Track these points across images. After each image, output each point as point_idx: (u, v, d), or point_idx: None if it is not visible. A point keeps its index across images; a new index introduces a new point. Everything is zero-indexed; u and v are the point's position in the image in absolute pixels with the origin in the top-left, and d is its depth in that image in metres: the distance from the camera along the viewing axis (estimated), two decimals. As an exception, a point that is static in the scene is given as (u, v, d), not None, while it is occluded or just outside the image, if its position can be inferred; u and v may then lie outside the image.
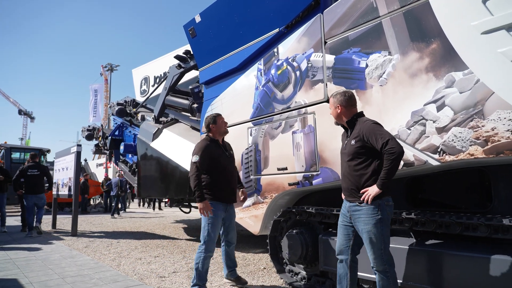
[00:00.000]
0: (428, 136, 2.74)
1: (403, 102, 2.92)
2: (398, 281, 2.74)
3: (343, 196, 2.85)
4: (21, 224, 8.61)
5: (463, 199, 3.12)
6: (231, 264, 3.85)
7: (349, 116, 2.76)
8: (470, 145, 2.52)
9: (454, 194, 3.20)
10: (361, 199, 2.56)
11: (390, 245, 2.60)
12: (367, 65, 3.19)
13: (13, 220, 10.91)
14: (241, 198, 3.91)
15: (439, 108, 2.69)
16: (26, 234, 7.64)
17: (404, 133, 2.88)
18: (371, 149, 2.57)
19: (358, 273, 3.06)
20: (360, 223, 2.59)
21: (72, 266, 4.70)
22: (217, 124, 3.72)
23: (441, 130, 2.67)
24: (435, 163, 2.71)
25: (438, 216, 2.73)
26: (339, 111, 2.78)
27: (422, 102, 2.78)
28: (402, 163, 2.87)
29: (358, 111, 2.84)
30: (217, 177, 3.61)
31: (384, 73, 3.06)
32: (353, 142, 2.65)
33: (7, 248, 6.08)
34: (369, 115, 3.11)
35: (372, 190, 2.50)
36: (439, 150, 2.68)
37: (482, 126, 2.46)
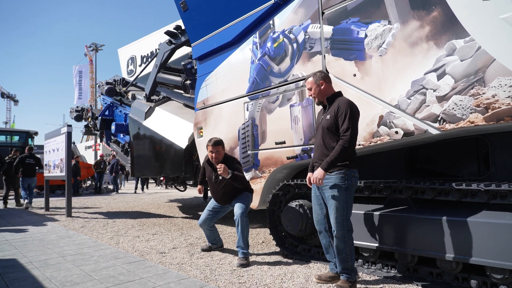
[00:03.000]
0: (429, 105, 2.75)
1: (403, 71, 2.91)
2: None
3: (309, 183, 3.01)
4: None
5: (461, 168, 3.18)
6: (237, 241, 3.76)
7: (329, 93, 2.95)
8: (471, 113, 2.54)
9: (452, 163, 3.25)
10: (308, 183, 2.85)
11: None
12: (366, 35, 3.16)
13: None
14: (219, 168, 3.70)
15: (439, 77, 2.69)
16: (24, 207, 9.51)
17: (404, 103, 2.88)
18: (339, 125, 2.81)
19: (358, 242, 3.15)
20: (327, 190, 2.80)
21: (70, 245, 4.70)
22: (209, 154, 3.96)
23: (442, 99, 2.68)
24: (435, 132, 2.73)
25: (437, 184, 2.78)
26: (322, 87, 2.94)
27: (423, 71, 2.78)
28: (402, 132, 2.90)
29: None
30: (210, 187, 4.16)
31: (383, 43, 3.03)
32: (328, 117, 2.86)
33: (2, 230, 6.03)
34: (368, 86, 3.13)
35: (317, 173, 2.74)
36: (439, 118, 2.70)
37: (483, 93, 2.48)
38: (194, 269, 3.45)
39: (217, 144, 3.85)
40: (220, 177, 3.87)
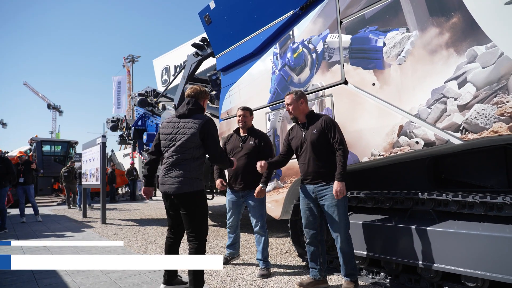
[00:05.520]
0: (450, 114, 2.65)
1: (423, 80, 2.83)
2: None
3: (304, 181, 3.19)
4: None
5: (489, 178, 3.02)
6: (258, 254, 3.77)
7: (308, 111, 3.22)
8: (494, 122, 2.43)
9: (479, 173, 3.10)
10: (335, 198, 2.90)
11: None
12: (384, 44, 3.10)
13: (47, 210, 11.45)
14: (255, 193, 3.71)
15: (460, 85, 2.59)
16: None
17: (424, 112, 2.80)
18: (329, 138, 3.02)
19: (378, 255, 3.07)
20: (327, 200, 2.98)
21: (102, 252, 4.90)
22: (237, 118, 4.03)
23: (463, 108, 2.58)
24: (457, 142, 2.63)
25: (461, 196, 2.66)
26: (302, 105, 3.19)
27: (443, 79, 2.69)
28: (422, 142, 2.81)
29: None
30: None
31: (402, 51, 2.97)
32: (314, 131, 3.06)
33: (43, 235, 6.41)
34: (387, 95, 3.07)
35: (338, 187, 2.86)
36: (461, 128, 2.60)
37: (507, 101, 2.36)
38: (215, 279, 3.50)
39: (244, 109, 4.00)
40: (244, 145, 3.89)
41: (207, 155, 3.02)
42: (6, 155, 11.03)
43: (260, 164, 3.34)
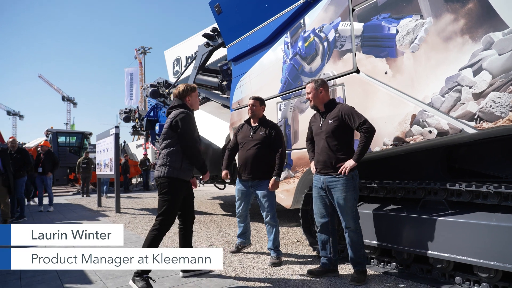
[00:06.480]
0: (464, 103, 2.60)
1: (436, 68, 2.77)
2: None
3: (313, 170, 3.24)
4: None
5: (503, 168, 2.97)
6: (269, 243, 3.82)
7: (327, 100, 3.19)
8: (510, 111, 2.37)
9: (496, 163, 3.05)
10: (339, 172, 2.95)
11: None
12: (397, 31, 3.04)
13: (64, 200, 11.72)
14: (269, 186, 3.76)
15: (475, 73, 2.53)
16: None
17: (438, 101, 2.75)
18: (346, 129, 3.02)
19: (385, 243, 3.07)
20: (337, 192, 3.00)
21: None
22: (247, 108, 4.01)
23: (478, 96, 2.52)
24: (471, 131, 2.58)
25: (474, 186, 2.63)
26: (321, 93, 3.17)
27: (457, 67, 2.63)
28: (436, 132, 2.77)
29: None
30: (239, 156, 4.05)
31: (416, 38, 2.91)
32: (330, 121, 3.05)
33: (58, 224, 6.57)
34: (400, 84, 3.03)
35: (349, 163, 2.91)
36: (475, 117, 2.55)
37: (524, 89, 2.30)
38: (227, 267, 3.55)
39: (255, 99, 3.98)
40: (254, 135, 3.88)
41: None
42: (23, 146, 11.31)
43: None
